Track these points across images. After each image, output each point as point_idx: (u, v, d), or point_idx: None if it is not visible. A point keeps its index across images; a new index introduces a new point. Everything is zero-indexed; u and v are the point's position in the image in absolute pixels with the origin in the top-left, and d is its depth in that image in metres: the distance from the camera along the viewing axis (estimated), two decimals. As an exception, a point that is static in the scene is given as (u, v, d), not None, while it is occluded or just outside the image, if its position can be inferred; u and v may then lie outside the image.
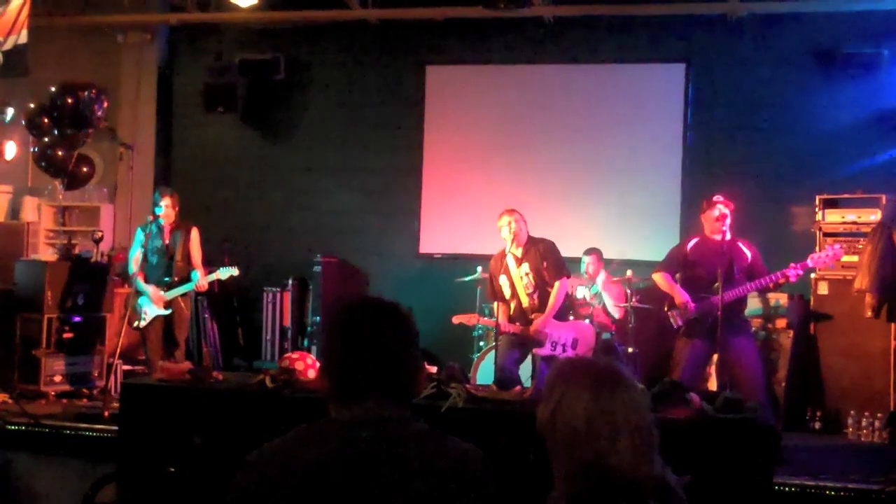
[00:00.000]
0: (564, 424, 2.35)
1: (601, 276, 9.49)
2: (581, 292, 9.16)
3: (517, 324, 7.55)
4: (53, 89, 9.53)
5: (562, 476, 2.37)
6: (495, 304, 7.77)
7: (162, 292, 8.75)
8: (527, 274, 7.51)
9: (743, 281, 7.27)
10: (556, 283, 7.50)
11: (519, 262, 7.54)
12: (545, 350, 7.48)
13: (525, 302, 7.54)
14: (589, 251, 9.60)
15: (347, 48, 11.87)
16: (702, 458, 5.10)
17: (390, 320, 2.34)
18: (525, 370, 7.78)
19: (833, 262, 7.79)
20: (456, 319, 7.98)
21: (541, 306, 7.50)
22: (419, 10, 11.15)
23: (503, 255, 7.61)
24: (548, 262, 7.49)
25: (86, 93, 9.52)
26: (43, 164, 9.74)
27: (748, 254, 7.37)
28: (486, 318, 8.04)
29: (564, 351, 7.49)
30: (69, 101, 9.45)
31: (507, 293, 7.59)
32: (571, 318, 8.06)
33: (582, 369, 2.45)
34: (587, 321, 8.73)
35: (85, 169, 9.84)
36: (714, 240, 7.37)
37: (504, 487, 2.52)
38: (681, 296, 7.31)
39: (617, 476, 2.30)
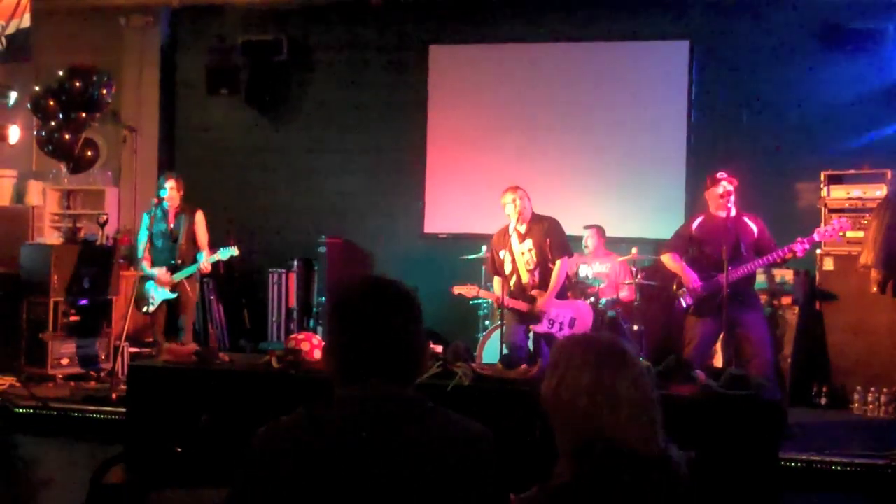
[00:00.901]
0: (568, 400, 2.36)
1: (593, 241, 9.50)
2: (584, 271, 9.16)
3: (519, 301, 7.56)
4: (62, 73, 9.52)
5: (565, 451, 2.38)
6: (495, 278, 7.79)
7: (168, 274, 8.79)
8: (529, 250, 7.52)
9: (751, 256, 7.27)
10: (558, 262, 7.51)
11: (522, 238, 7.54)
12: (542, 327, 7.52)
13: (525, 278, 7.55)
14: (589, 226, 9.61)
15: (350, 28, 11.84)
16: (708, 434, 5.12)
17: (393, 300, 2.34)
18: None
19: (838, 236, 7.78)
20: (456, 290, 7.96)
21: (541, 283, 7.52)
22: (422, -11, 11.14)
23: (506, 230, 7.62)
24: (551, 239, 7.50)
25: (95, 76, 9.51)
26: (49, 147, 9.73)
27: (754, 228, 7.36)
28: (485, 291, 8.00)
29: (562, 329, 7.53)
30: (77, 84, 9.44)
31: (508, 269, 7.61)
32: (570, 296, 8.07)
33: (585, 345, 2.46)
34: (591, 300, 8.74)
35: (89, 153, 9.84)
36: (719, 217, 7.36)
37: (510, 465, 2.53)
38: (689, 276, 7.31)
39: (619, 451, 2.31)
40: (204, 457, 5.79)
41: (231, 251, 8.93)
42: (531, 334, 7.76)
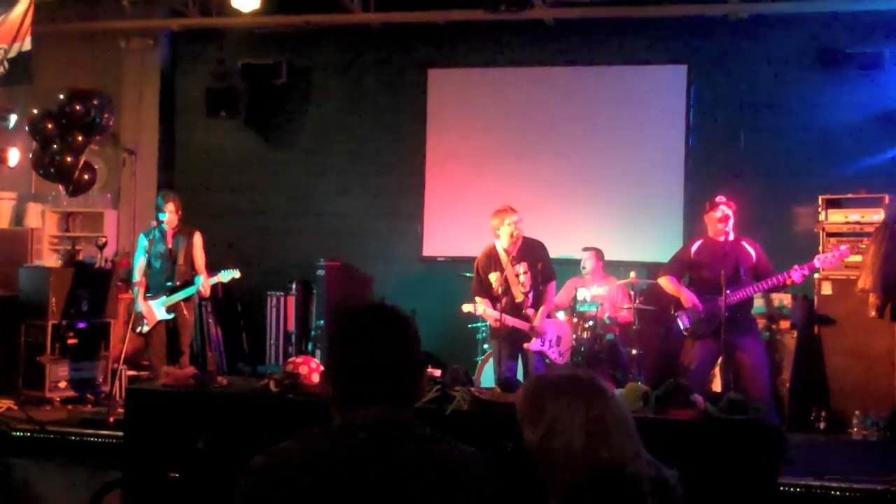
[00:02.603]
0: (562, 444, 2.36)
1: (591, 263, 9.50)
2: (582, 294, 9.15)
3: (517, 319, 7.57)
4: (62, 96, 9.54)
5: (560, 489, 2.38)
6: (478, 299, 7.75)
7: (164, 296, 8.76)
8: (525, 272, 7.55)
9: (749, 281, 7.27)
10: (550, 284, 7.72)
11: (515, 260, 7.55)
12: (536, 346, 7.57)
13: (519, 298, 7.57)
14: (587, 249, 9.61)
15: (349, 52, 11.88)
16: (707, 459, 5.11)
17: (391, 325, 2.34)
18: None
19: (839, 263, 7.79)
20: (465, 308, 7.92)
21: (533, 304, 7.55)
22: (421, 13, 11.16)
23: (493, 251, 7.65)
24: (542, 263, 7.63)
25: (96, 99, 9.53)
26: (51, 170, 9.71)
27: (752, 253, 7.37)
28: (490, 310, 7.84)
29: (550, 347, 7.71)
30: (77, 107, 9.46)
31: (499, 290, 7.58)
32: (552, 316, 8.16)
33: (568, 386, 2.46)
34: (590, 323, 8.76)
35: (86, 176, 9.85)
36: (718, 241, 7.37)
37: (509, 490, 2.52)
38: (689, 297, 7.31)
39: (615, 479, 2.30)
40: (202, 482, 5.78)
41: (232, 273, 8.92)
42: (520, 364, 7.80)
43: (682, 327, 7.43)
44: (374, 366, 2.28)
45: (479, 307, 7.77)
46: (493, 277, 7.61)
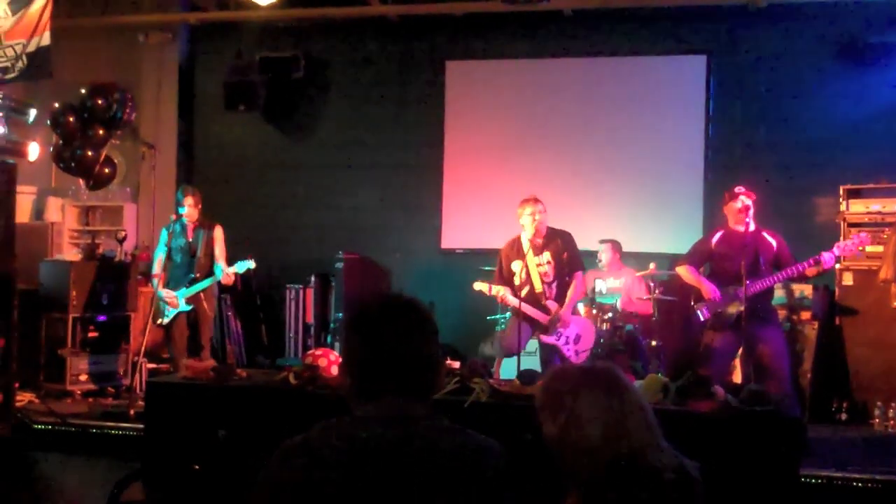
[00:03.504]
0: (581, 436, 2.36)
1: (607, 255, 9.48)
2: (599, 286, 9.12)
3: (536, 309, 7.52)
4: (84, 90, 9.57)
5: (579, 481, 2.37)
6: (495, 286, 7.66)
7: (184, 287, 8.79)
8: (548, 262, 7.53)
9: (769, 272, 7.23)
10: (577, 276, 7.66)
11: (539, 250, 7.54)
12: (552, 339, 7.50)
13: (539, 289, 7.54)
14: (604, 241, 9.59)
15: (367, 44, 11.88)
16: (728, 450, 5.09)
17: (409, 317, 2.34)
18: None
19: (858, 251, 7.71)
20: (477, 286, 7.83)
21: (557, 295, 7.51)
22: (438, 5, 11.15)
23: (518, 241, 7.62)
24: (569, 253, 7.58)
25: (117, 94, 9.55)
26: (71, 164, 9.74)
27: (773, 244, 7.32)
28: (509, 296, 7.69)
29: (567, 343, 7.61)
30: (99, 102, 9.48)
31: (520, 279, 7.56)
32: (578, 313, 8.08)
33: (587, 378, 2.46)
34: (610, 315, 8.73)
35: (106, 170, 9.87)
36: (739, 232, 7.32)
37: (529, 482, 2.51)
38: (708, 288, 7.27)
39: (635, 470, 2.30)
40: (222, 474, 5.79)
41: (248, 264, 8.93)
42: (535, 344, 7.75)
43: (702, 318, 7.40)
44: (390, 359, 2.28)
45: (495, 288, 7.65)
46: (516, 266, 7.59)
